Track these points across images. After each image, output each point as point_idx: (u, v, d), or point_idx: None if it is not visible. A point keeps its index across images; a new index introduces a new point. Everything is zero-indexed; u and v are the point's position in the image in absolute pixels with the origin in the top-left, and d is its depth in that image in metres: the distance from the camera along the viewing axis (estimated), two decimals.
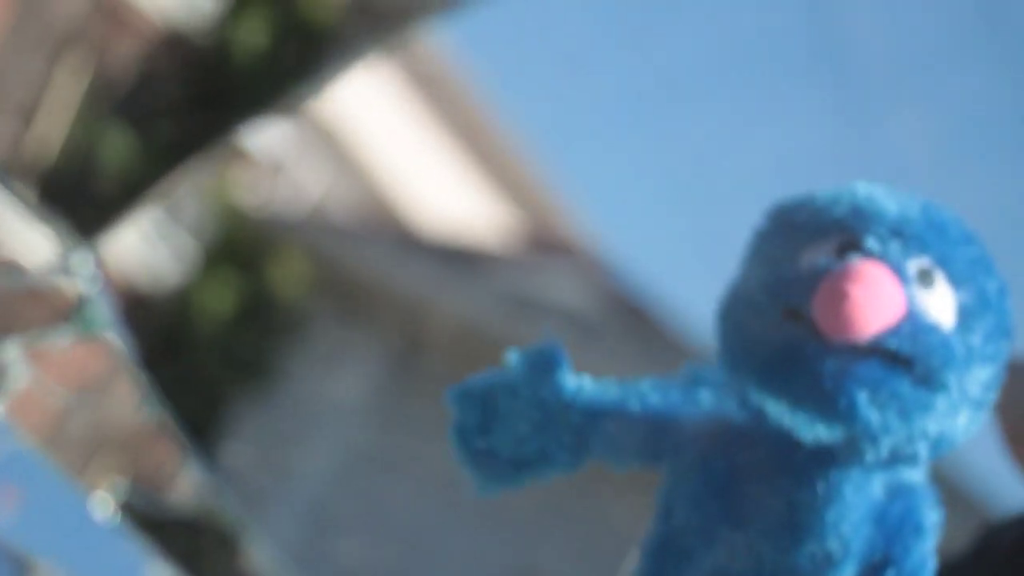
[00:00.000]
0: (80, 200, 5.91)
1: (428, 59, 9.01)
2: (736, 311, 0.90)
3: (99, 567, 2.61)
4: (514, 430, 0.96)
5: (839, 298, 0.85)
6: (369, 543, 7.95)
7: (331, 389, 8.43)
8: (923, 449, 0.89)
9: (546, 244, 10.12)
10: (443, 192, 10.33)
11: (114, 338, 2.69)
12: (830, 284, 0.85)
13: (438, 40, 8.64)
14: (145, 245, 6.61)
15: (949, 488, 0.94)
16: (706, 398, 0.96)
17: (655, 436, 0.94)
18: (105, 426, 4.49)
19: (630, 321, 8.75)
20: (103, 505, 2.93)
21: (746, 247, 0.93)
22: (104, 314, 2.58)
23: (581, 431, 0.95)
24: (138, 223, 6.41)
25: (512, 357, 0.97)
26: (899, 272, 0.87)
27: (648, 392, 0.96)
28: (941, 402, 0.87)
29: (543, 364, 0.96)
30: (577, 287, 8.93)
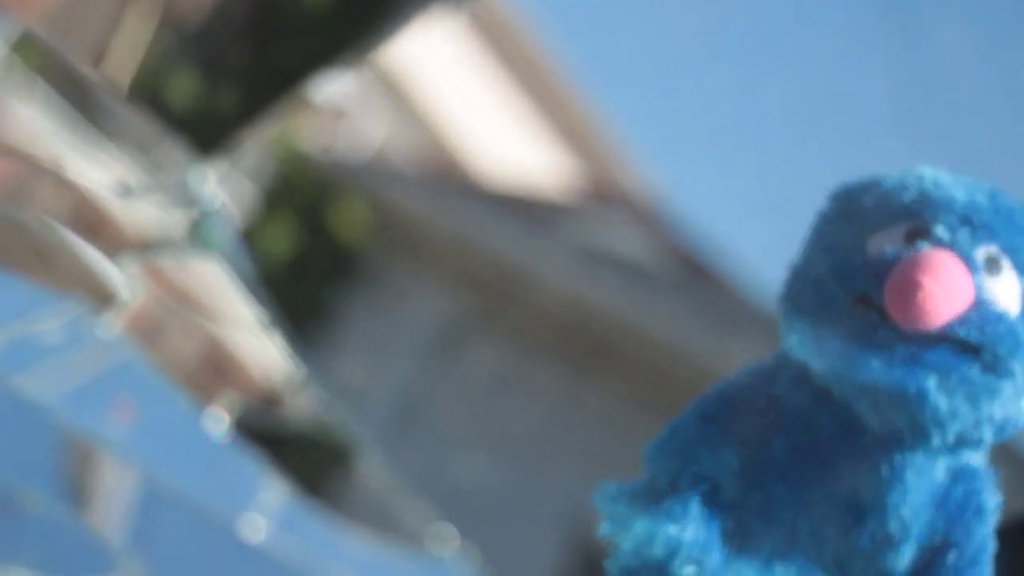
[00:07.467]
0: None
1: (493, 8, 8.98)
2: (803, 296, 0.90)
3: (214, 481, 2.60)
4: None
5: (911, 288, 0.85)
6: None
7: (390, 333, 8.45)
8: (988, 433, 0.89)
9: (608, 194, 10.10)
10: (505, 141, 10.31)
11: (230, 256, 2.69)
12: (901, 274, 0.86)
13: None
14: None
15: (1008, 450, 0.95)
16: (763, 380, 0.94)
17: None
18: (219, 343, 4.51)
19: (689, 272, 8.73)
20: (217, 420, 2.93)
21: (810, 229, 0.93)
22: (220, 233, 2.58)
23: None
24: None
25: None
26: (968, 260, 0.87)
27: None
28: (1007, 388, 0.88)
29: None
30: (638, 237, 8.91)
